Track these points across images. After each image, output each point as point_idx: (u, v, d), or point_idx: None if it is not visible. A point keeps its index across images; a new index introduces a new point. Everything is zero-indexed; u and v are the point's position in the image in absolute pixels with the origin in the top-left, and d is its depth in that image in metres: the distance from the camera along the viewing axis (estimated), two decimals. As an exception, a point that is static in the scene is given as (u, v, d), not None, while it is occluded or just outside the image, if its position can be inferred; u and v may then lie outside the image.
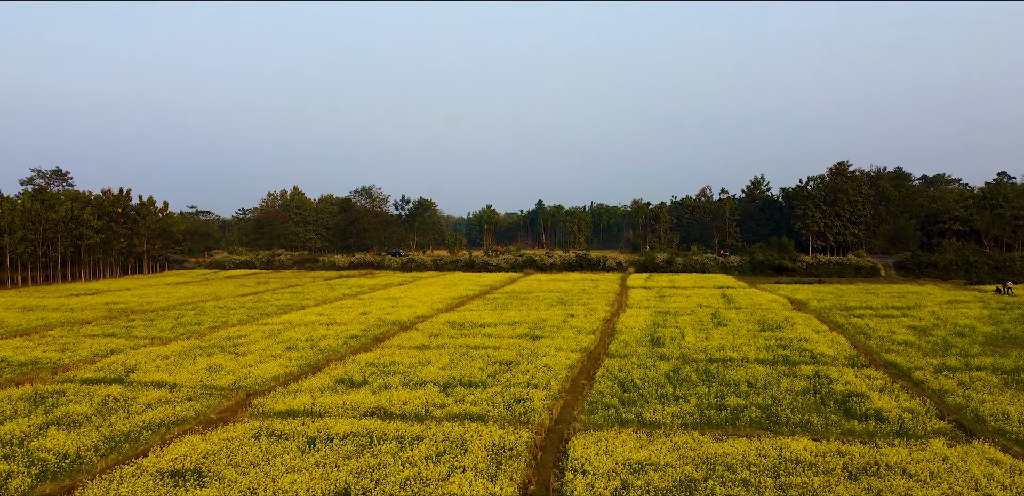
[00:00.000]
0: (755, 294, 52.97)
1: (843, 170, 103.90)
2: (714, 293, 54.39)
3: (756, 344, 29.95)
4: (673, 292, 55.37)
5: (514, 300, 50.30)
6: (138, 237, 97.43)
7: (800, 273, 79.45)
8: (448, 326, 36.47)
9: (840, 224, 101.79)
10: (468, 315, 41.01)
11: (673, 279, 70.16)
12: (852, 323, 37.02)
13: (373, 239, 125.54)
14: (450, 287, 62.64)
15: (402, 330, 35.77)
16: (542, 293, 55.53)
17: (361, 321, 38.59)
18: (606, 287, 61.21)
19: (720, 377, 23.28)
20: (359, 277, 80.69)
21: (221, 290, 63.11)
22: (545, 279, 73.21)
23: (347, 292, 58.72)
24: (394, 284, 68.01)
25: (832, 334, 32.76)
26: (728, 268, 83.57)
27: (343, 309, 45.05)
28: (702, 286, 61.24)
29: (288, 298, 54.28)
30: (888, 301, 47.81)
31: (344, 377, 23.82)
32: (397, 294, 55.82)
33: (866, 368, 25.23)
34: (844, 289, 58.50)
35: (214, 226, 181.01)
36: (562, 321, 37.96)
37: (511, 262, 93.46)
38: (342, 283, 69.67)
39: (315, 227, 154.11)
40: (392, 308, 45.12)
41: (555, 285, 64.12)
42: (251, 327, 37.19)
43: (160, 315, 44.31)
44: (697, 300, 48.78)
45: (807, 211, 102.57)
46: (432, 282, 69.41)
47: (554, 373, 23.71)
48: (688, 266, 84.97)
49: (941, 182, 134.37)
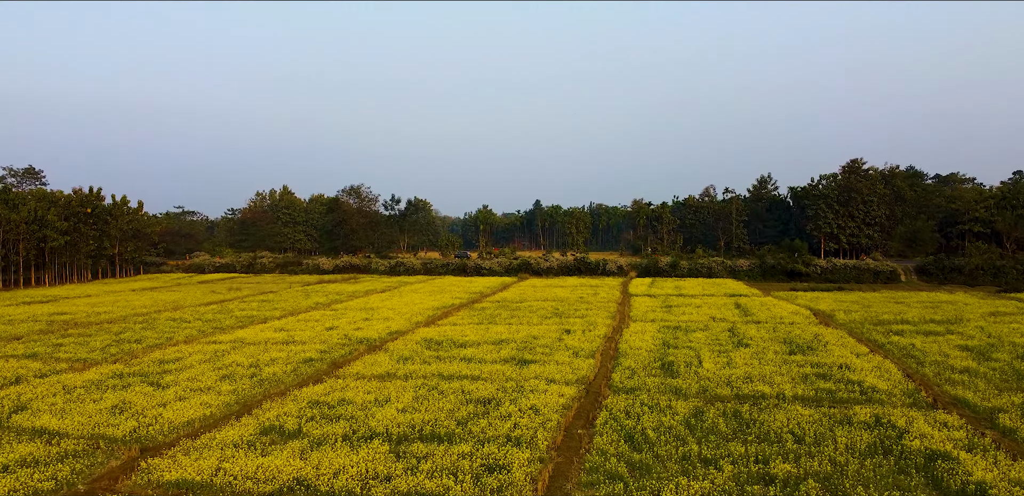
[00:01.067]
0: (772, 304, 48.00)
1: (857, 168, 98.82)
2: (726, 303, 49.42)
3: (789, 372, 24.95)
4: (681, 301, 50.40)
5: (504, 311, 45.29)
6: (109, 239, 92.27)
7: (814, 278, 74.51)
8: (423, 346, 31.44)
9: (854, 225, 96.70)
10: (449, 331, 35.99)
11: (679, 285, 65.18)
12: (893, 342, 32.05)
13: (362, 240, 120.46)
14: (436, 295, 57.63)
15: (368, 351, 30.73)
16: (536, 302, 50.52)
17: (323, 339, 33.55)
18: (606, 295, 56.23)
19: (756, 426, 18.26)
20: (341, 282, 75.64)
21: (186, 298, 58.05)
22: (540, 285, 68.22)
23: (321, 301, 53.68)
24: (376, 291, 62.97)
25: (876, 358, 27.78)
26: (737, 273, 78.62)
27: (308, 323, 40.00)
28: (712, 294, 56.24)
29: (254, 308, 49.24)
30: (923, 313, 42.85)
31: (275, 423, 18.79)
32: (375, 303, 50.78)
33: (935, 410, 20.25)
34: (869, 298, 53.53)
35: (200, 227, 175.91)
36: (556, 339, 32.96)
37: (505, 266, 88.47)
38: (320, 290, 64.62)
39: (305, 228, 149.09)
40: (364, 322, 40.08)
41: (551, 292, 59.13)
42: (195, 347, 32.13)
43: (102, 329, 39.30)
44: (709, 311, 43.79)
45: (819, 211, 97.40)
46: (418, 289, 64.38)
47: (543, 419, 18.69)
48: (694, 270, 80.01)
49: (954, 181, 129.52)
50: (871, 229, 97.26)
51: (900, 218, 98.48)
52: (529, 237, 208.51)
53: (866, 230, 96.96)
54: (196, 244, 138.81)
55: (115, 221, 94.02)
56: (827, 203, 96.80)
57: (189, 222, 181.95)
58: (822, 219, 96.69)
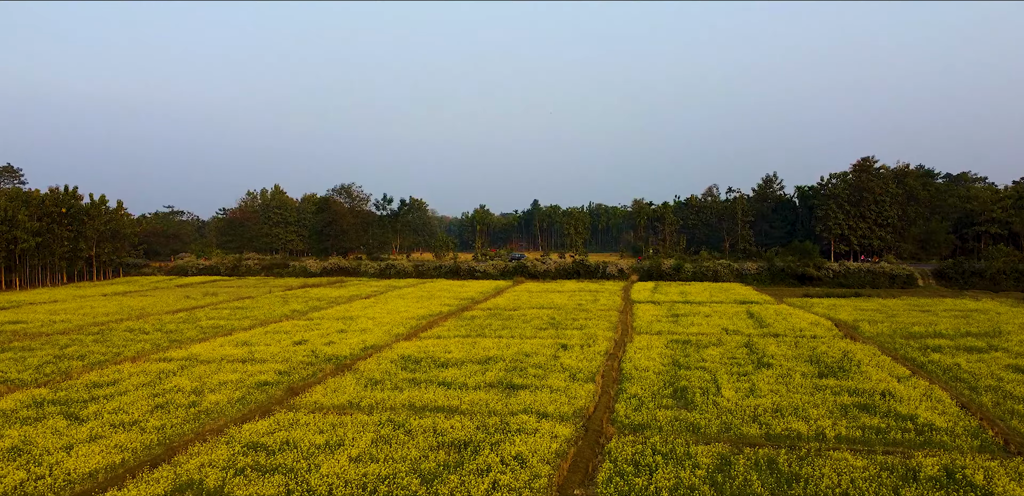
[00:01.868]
0: (788, 313, 44.31)
1: (868, 167, 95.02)
2: (738, 311, 45.73)
3: (825, 403, 21.27)
4: (688, 309, 46.69)
5: (495, 320, 41.57)
6: (85, 240, 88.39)
7: (826, 282, 70.87)
8: (399, 365, 27.71)
9: (865, 226, 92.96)
10: (431, 346, 32.26)
11: (684, 290, 61.47)
12: (934, 362, 28.37)
13: (353, 241, 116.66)
14: (424, 301, 53.90)
15: (335, 372, 26.99)
16: (530, 310, 46.80)
17: (286, 357, 29.80)
18: (607, 301, 52.52)
19: (799, 484, 14.54)
20: (326, 286, 71.87)
21: (156, 304, 54.28)
22: (536, 290, 64.51)
23: (299, 308, 49.93)
24: (360, 296, 59.22)
25: (920, 383, 24.09)
26: (744, 276, 74.96)
27: (277, 335, 36.24)
28: (721, 301, 52.53)
29: (224, 317, 45.50)
30: (955, 324, 39.16)
31: (195, 477, 15.05)
32: (356, 311, 47.04)
33: (1011, 456, 16.58)
34: (891, 306, 49.85)
35: (189, 227, 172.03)
36: (551, 357, 29.25)
37: (500, 268, 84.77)
38: (301, 295, 60.85)
39: (296, 228, 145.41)
40: (339, 334, 36.34)
41: (547, 298, 55.43)
42: (140, 366, 28.38)
43: (50, 342, 35.58)
44: (720, 322, 40.09)
45: (829, 212, 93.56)
46: (405, 294, 60.62)
47: (530, 474, 14.96)
48: (699, 274, 76.33)
49: (965, 181, 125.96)
50: (883, 230, 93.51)
51: (913, 219, 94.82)
52: (527, 238, 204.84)
53: (878, 231, 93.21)
54: (182, 245, 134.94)
55: (91, 222, 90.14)
56: (837, 203, 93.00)
57: (177, 222, 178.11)
58: (832, 220, 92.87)
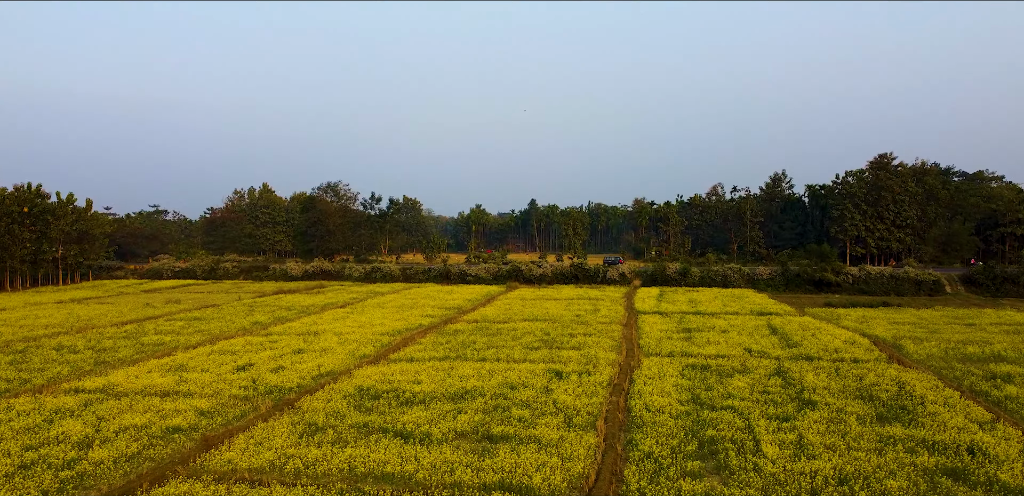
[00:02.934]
0: (815, 327, 39.20)
1: (886, 164, 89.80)
2: (757, 325, 40.60)
3: (900, 465, 16.13)
4: (700, 322, 41.56)
5: (480, 337, 36.41)
6: (49, 242, 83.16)
7: (846, 289, 65.80)
8: (352, 402, 22.54)
9: (883, 227, 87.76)
10: (399, 373, 27.10)
11: (693, 298, 56.35)
12: (1012, 397, 23.26)
13: (340, 243, 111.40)
14: (404, 311, 48.74)
15: (272, 412, 21.79)
16: (522, 323, 41.61)
17: (219, 389, 24.60)
18: (608, 312, 47.38)
19: None
20: (302, 292, 66.64)
21: (109, 314, 49.10)
22: (531, 297, 59.36)
23: (262, 319, 44.73)
24: (336, 305, 54.01)
25: (1011, 432, 18.99)
26: (756, 282, 69.85)
27: (221, 357, 31.05)
28: (736, 312, 47.37)
29: (176, 330, 40.31)
30: (1013, 342, 34.05)
31: None
32: (325, 324, 41.83)
33: None
34: (927, 318, 44.74)
35: (173, 228, 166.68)
36: (543, 389, 24.12)
37: (493, 272, 79.58)
38: (271, 303, 55.64)
39: (285, 228, 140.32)
40: (295, 356, 31.17)
41: (542, 307, 50.29)
42: (38, 400, 23.14)
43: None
44: (739, 339, 34.97)
45: (845, 212, 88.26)
46: (386, 302, 55.43)
47: None
48: (707, 279, 71.23)
49: (981, 179, 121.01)
50: (902, 232, 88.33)
51: (933, 220, 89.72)
52: (524, 238, 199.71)
53: (896, 233, 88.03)
54: (161, 246, 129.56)
55: (57, 222, 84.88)
56: (854, 203, 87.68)
57: (161, 222, 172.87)
58: (848, 220, 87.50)
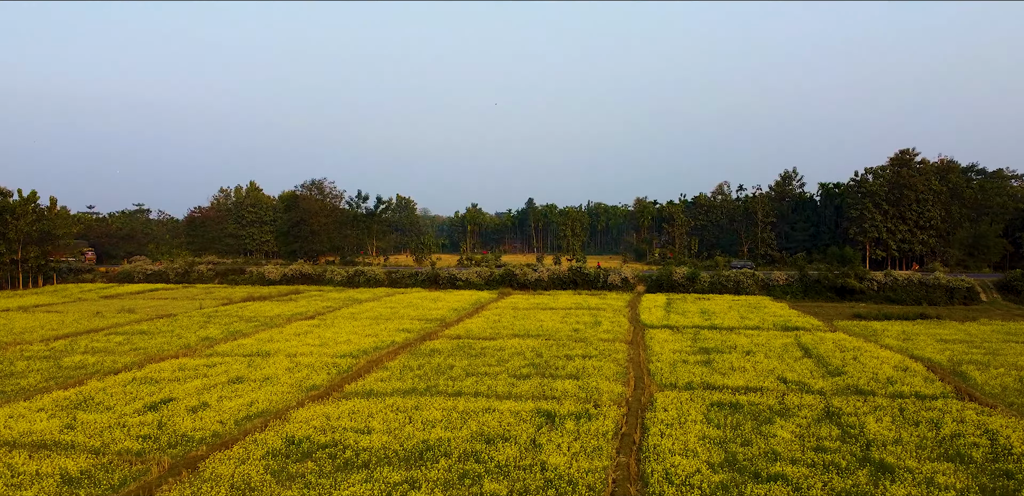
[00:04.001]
0: (854, 347, 33.76)
1: (908, 160, 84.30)
2: (786, 344, 35.14)
3: None
4: (718, 340, 36.10)
5: (460, 359, 30.95)
6: (7, 242, 77.68)
7: (871, 297, 60.37)
8: (271, 466, 17.02)
9: (906, 229, 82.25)
10: (348, 414, 21.63)
11: (705, 308, 50.92)
12: None
13: (325, 243, 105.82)
14: (380, 323, 43.26)
15: (161, 480, 16.28)
16: (511, 340, 36.07)
17: (109, 439, 19.06)
18: (611, 325, 41.92)
19: None
20: (274, 299, 61.12)
21: (47, 325, 43.56)
22: (524, 306, 53.92)
23: (214, 334, 39.22)
24: (305, 315, 48.51)
25: None
26: (771, 288, 64.43)
27: (140, 387, 25.55)
28: (757, 326, 41.86)
29: (110, 347, 34.85)
30: (1096, 368, 28.69)
31: None
32: (280, 342, 36.27)
33: None
34: (976, 334, 39.28)
35: (156, 227, 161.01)
36: (528, 443, 18.67)
37: (485, 276, 74.11)
38: (234, 313, 50.12)
39: (272, 228, 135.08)
40: (230, 386, 25.69)
41: (535, 319, 44.84)
42: None
43: None
44: (768, 363, 29.52)
45: (865, 212, 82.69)
46: (361, 312, 49.92)
47: None
48: (718, 284, 65.77)
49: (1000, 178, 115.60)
50: (925, 233, 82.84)
51: (958, 220, 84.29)
52: (521, 239, 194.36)
53: (919, 235, 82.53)
54: (138, 247, 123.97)
55: (16, 222, 79.40)
56: (874, 202, 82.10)
57: (144, 221, 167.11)
58: (868, 221, 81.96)
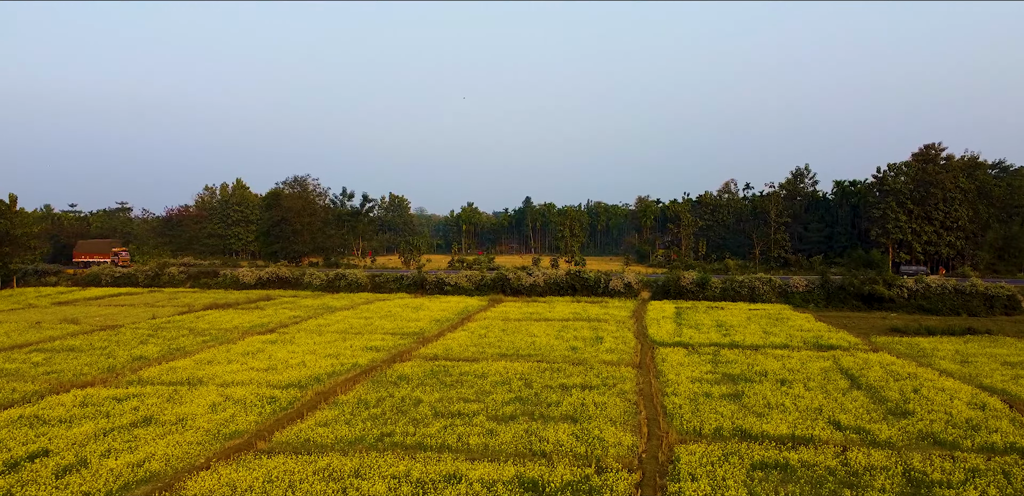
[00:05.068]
0: (908, 374, 28.28)
1: (933, 157, 78.76)
2: (824, 368, 29.63)
3: None
4: (744, 363, 30.59)
5: (430, 391, 25.44)
6: (-43, 243, 72.33)
7: (901, 305, 54.95)
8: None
9: (931, 230, 76.74)
10: (262, 486, 16.13)
11: (720, 320, 45.43)
12: None
13: (308, 244, 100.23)
14: (347, 339, 37.74)
15: None
16: (496, 364, 30.52)
17: None
18: (614, 342, 36.42)
19: None
20: (240, 307, 55.59)
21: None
22: (516, 315, 48.42)
23: (151, 353, 33.71)
24: (265, 327, 42.97)
25: None
26: (790, 295, 58.94)
27: (17, 432, 20.05)
28: (785, 344, 36.30)
29: (20, 370, 29.48)
30: None
31: None
32: (218, 366, 30.75)
33: None
34: (1045, 354, 33.86)
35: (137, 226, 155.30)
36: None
37: (476, 281, 68.55)
38: (187, 325, 44.60)
39: (258, 227, 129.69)
40: (130, 432, 20.20)
41: (527, 333, 39.35)
42: None
43: None
44: (814, 400, 24.02)
45: (888, 212, 77.08)
46: (329, 324, 44.36)
47: None
48: (730, 291, 60.27)
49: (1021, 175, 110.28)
50: (952, 235, 77.34)
51: (986, 221, 78.85)
52: (519, 239, 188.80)
53: (946, 236, 77.01)
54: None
55: (-32, 221, 74.04)
56: (898, 201, 76.48)
57: (125, 220, 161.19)
58: (891, 221, 76.42)
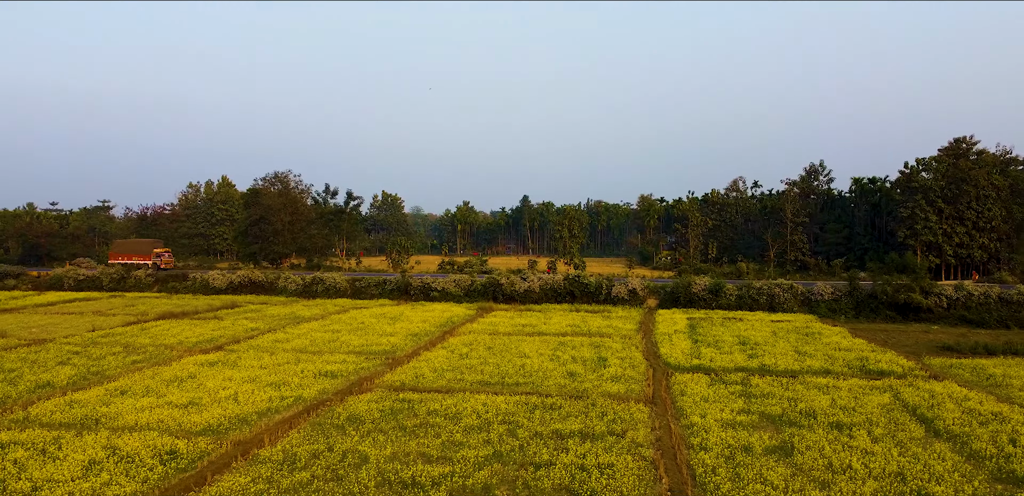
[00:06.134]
0: (991, 413, 22.61)
1: (965, 151, 73.03)
2: (882, 403, 23.91)
3: None
4: (782, 397, 24.89)
5: (383, 441, 19.75)
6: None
7: (940, 316, 49.31)
8: None
9: (963, 231, 71.01)
10: None
11: (742, 335, 39.71)
12: None
13: (289, 244, 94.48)
14: (302, 361, 32.02)
15: None
16: (474, 399, 24.78)
17: None
18: (621, 366, 30.73)
19: None
20: (197, 317, 49.89)
21: None
22: (506, 328, 42.70)
23: (59, 379, 27.99)
24: (216, 343, 37.24)
25: None
26: (814, 303, 53.29)
27: None
28: (825, 369, 30.47)
29: None
30: None
31: None
32: (130, 399, 25.04)
33: None
34: None
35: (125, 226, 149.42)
36: None
37: (465, 286, 62.86)
38: (125, 340, 38.89)
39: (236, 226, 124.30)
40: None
41: (516, 353, 33.67)
42: None
43: None
44: (888, 460, 18.37)
45: (917, 211, 71.28)
46: (290, 339, 38.62)
47: None
48: (747, 299, 54.56)
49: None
50: (985, 236, 71.59)
51: (1021, 221, 73.15)
52: (516, 239, 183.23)
53: (979, 238, 71.27)
54: (85, 248, 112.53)
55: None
56: (928, 200, 70.65)
57: (104, 219, 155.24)
58: (921, 222, 70.64)
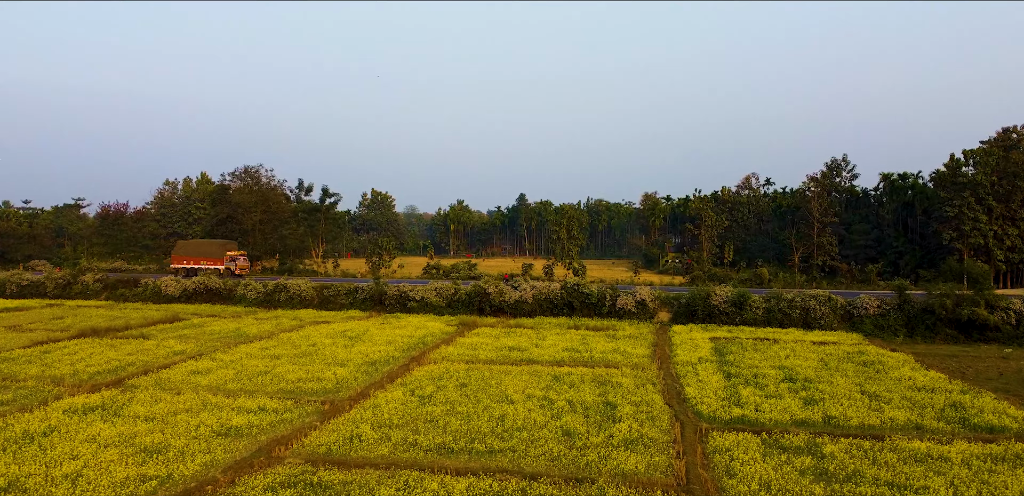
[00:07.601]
0: None
1: (1016, 142, 65.33)
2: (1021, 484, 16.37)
3: None
4: (873, 479, 17.31)
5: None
6: None
7: (1009, 335, 41.86)
8: None
9: (1016, 233, 63.26)
10: None
11: (785, 365, 32.10)
12: None
13: (260, 246, 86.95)
14: (209, 407, 24.38)
15: None
16: (426, 484, 17.20)
17: None
18: (636, 419, 23.15)
19: None
20: (122, 335, 42.20)
21: None
22: (487, 355, 35.06)
23: None
24: (121, 375, 29.61)
25: None
26: (856, 319, 45.79)
27: None
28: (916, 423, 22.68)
29: None
30: None
31: None
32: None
33: None
34: None
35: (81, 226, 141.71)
36: None
37: (447, 295, 55.32)
38: (11, 369, 31.25)
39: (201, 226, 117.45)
40: None
41: (497, 394, 26.08)
42: None
43: None
44: None
45: (964, 210, 63.43)
46: (211, 370, 30.93)
47: None
48: (776, 313, 47.01)
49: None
50: (1035, 238, 64.09)
51: (1075, 222, 65.69)
52: (512, 239, 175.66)
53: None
54: (41, 249, 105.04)
55: None
56: (977, 197, 62.82)
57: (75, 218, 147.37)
58: (969, 223, 62.87)
